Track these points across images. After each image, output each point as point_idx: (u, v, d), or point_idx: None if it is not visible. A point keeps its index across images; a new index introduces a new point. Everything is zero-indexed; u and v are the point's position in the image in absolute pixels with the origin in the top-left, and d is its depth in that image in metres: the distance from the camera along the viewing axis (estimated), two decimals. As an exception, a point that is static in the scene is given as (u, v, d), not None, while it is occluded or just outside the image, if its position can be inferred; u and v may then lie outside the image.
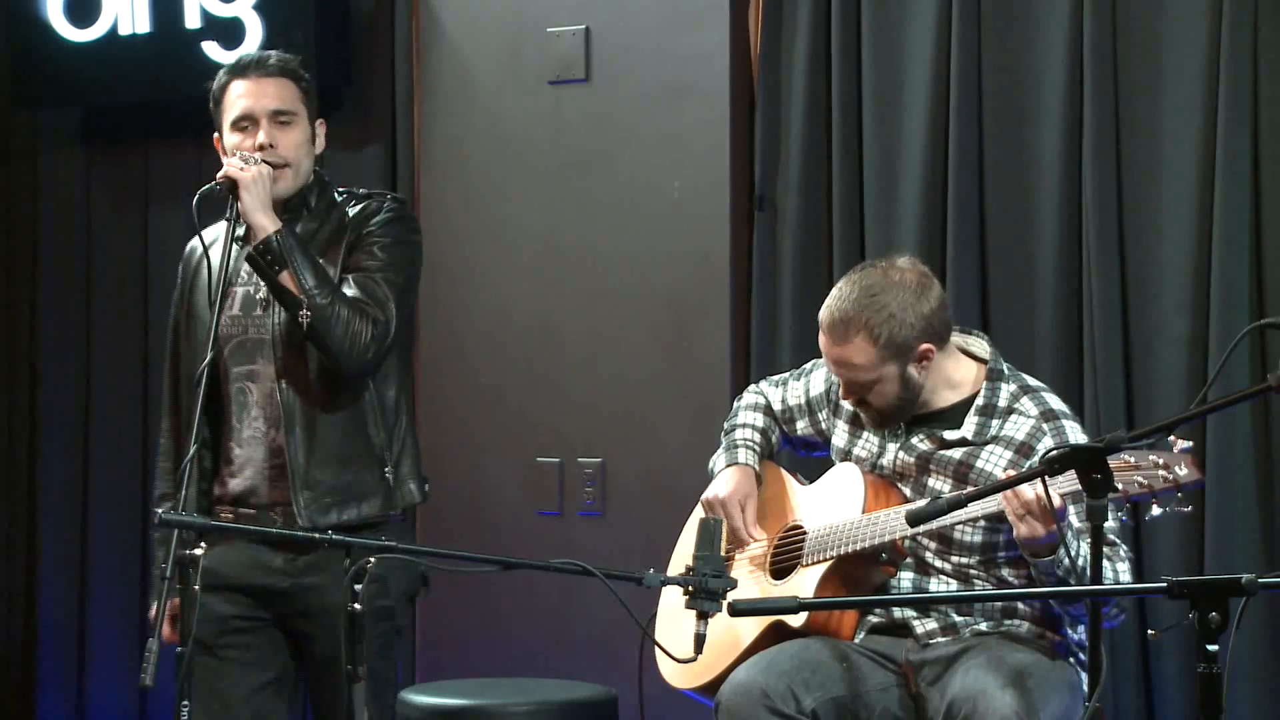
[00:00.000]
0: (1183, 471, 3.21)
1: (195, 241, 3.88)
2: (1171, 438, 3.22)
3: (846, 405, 3.93)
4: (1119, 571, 3.57)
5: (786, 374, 4.13)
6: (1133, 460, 3.22)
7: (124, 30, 5.56)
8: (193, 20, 5.47)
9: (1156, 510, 3.23)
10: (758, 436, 4.03)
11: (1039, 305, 4.61)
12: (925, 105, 4.71)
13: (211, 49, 5.42)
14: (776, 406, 4.06)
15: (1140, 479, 3.21)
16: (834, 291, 3.79)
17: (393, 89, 5.38)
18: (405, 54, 5.35)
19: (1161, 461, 3.20)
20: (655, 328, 5.04)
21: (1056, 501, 3.40)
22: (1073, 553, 3.47)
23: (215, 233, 3.79)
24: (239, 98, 3.79)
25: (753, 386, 4.17)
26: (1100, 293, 4.50)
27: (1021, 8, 4.65)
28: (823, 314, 3.77)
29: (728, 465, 3.99)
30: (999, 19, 4.66)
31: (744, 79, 4.98)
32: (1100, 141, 4.52)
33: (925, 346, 3.72)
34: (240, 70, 3.82)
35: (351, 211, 3.81)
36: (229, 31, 5.40)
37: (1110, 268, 4.51)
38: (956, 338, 3.85)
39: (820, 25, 4.85)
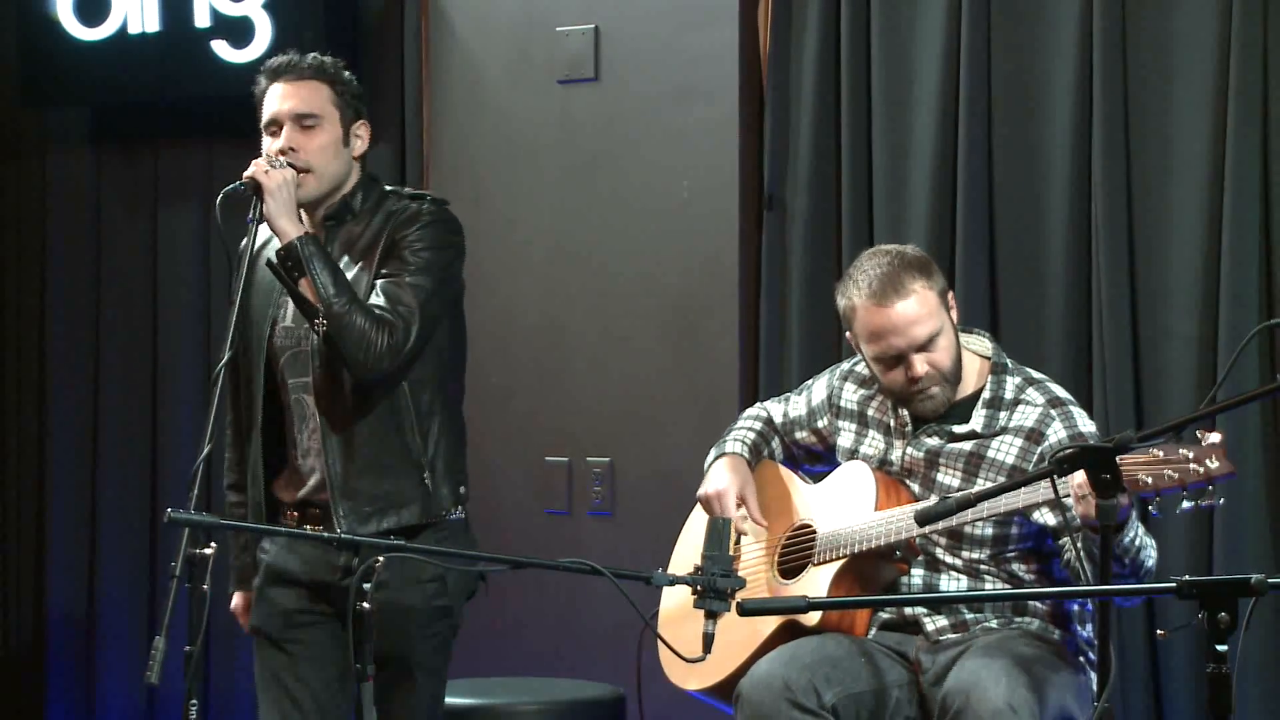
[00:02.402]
0: (1214, 464, 3.17)
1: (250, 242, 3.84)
2: (1199, 431, 3.20)
3: (851, 406, 3.93)
4: (1154, 556, 3.59)
5: (789, 393, 4.14)
6: (1161, 454, 3.20)
7: (134, 29, 5.56)
8: (202, 19, 5.47)
9: (1186, 504, 3.21)
10: (752, 435, 4.03)
11: (1048, 304, 4.61)
12: (934, 104, 4.71)
13: (221, 48, 5.43)
14: (778, 419, 4.06)
15: (1171, 472, 3.19)
16: (861, 274, 3.76)
17: (402, 88, 5.38)
18: (414, 53, 5.36)
19: (1192, 455, 3.17)
20: (664, 327, 5.04)
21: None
22: (1137, 540, 3.49)
23: (267, 232, 3.77)
24: (270, 100, 3.76)
25: (756, 404, 4.18)
26: (1109, 292, 4.50)
27: (1031, 6, 4.64)
28: (865, 290, 3.73)
29: (717, 457, 3.99)
30: (1008, 17, 4.66)
31: (753, 78, 4.98)
32: (1110, 141, 4.51)
33: (950, 292, 3.81)
34: (273, 73, 3.79)
35: (392, 212, 3.79)
36: (238, 30, 5.40)
37: (1119, 267, 4.51)
38: (960, 336, 3.85)
39: (829, 24, 4.85)
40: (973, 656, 3.56)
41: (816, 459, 4.04)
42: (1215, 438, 3.19)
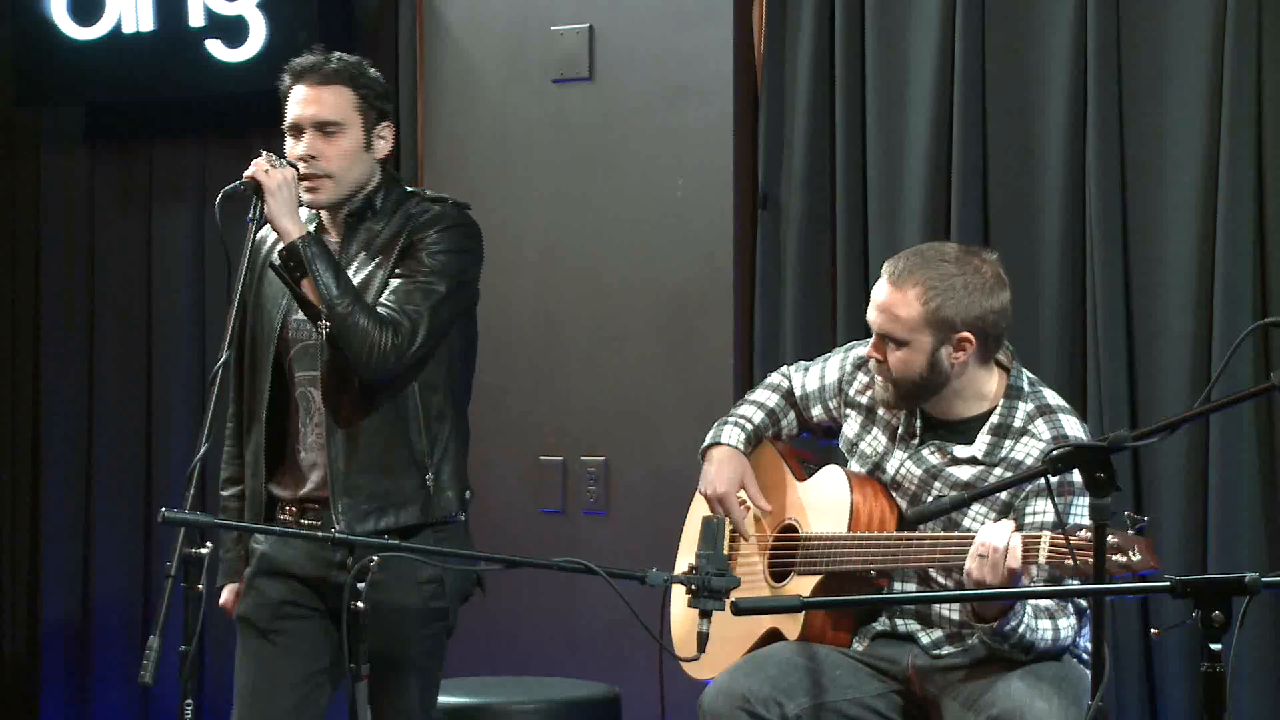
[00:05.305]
0: (1136, 557, 3.14)
1: (267, 231, 3.80)
2: (1128, 515, 3.15)
3: (860, 398, 3.89)
4: (1057, 628, 3.57)
5: (818, 358, 4.04)
6: (1088, 537, 3.18)
7: (128, 28, 5.56)
8: (196, 18, 5.47)
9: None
10: (759, 415, 3.96)
11: (1042, 303, 4.61)
12: (929, 103, 4.71)
13: (215, 47, 5.43)
14: (797, 392, 3.99)
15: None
16: (914, 247, 3.77)
17: (396, 87, 5.37)
18: (409, 52, 5.36)
19: (1116, 542, 3.14)
20: (659, 326, 5.04)
21: (1015, 561, 3.37)
22: (1025, 626, 3.49)
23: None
24: (294, 103, 3.73)
25: (782, 369, 4.08)
26: (1104, 291, 4.50)
27: (1025, 5, 4.64)
28: (892, 259, 3.71)
29: (711, 445, 3.94)
30: (1002, 16, 4.66)
31: (748, 77, 4.98)
32: (1104, 139, 4.52)
33: (966, 335, 3.63)
34: (297, 74, 3.75)
35: (412, 213, 3.78)
36: (232, 30, 5.40)
37: (1114, 266, 4.51)
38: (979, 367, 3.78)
39: (824, 23, 4.85)
40: (1014, 677, 3.54)
41: (831, 435, 3.98)
42: (1142, 524, 3.15)
